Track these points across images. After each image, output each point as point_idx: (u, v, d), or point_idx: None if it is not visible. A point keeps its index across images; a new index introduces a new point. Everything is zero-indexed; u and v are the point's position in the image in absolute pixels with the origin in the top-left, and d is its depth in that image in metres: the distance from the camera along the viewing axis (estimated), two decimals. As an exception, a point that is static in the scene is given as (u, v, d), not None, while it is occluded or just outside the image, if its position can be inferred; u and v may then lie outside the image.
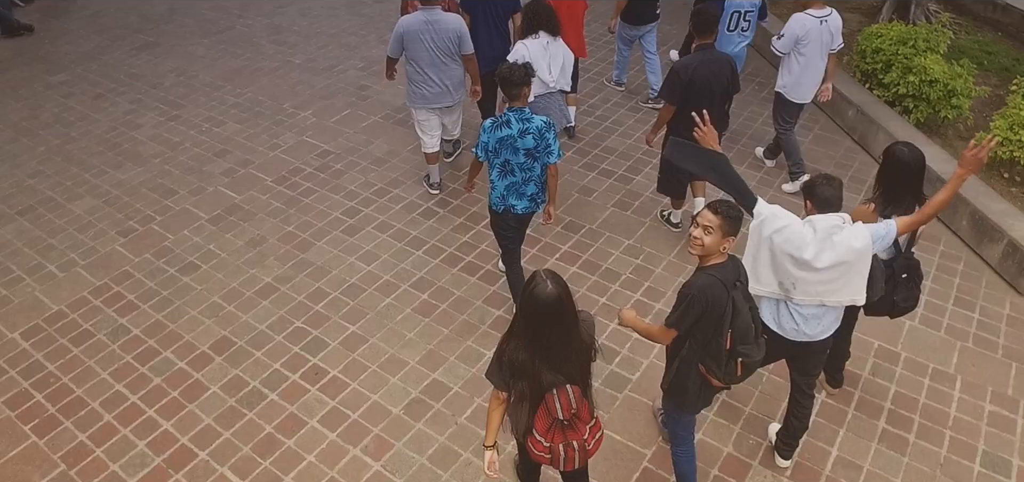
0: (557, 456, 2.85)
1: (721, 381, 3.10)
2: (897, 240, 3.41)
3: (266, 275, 5.07)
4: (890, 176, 3.52)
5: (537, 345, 2.71)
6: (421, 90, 5.37)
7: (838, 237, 3.17)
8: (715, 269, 2.97)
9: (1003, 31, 8.36)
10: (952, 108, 6.05)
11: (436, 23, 5.11)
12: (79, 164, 6.27)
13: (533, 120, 4.11)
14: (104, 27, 8.83)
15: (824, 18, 5.38)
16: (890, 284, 3.54)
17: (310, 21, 8.89)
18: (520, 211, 4.30)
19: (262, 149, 6.43)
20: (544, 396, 2.75)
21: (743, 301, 2.99)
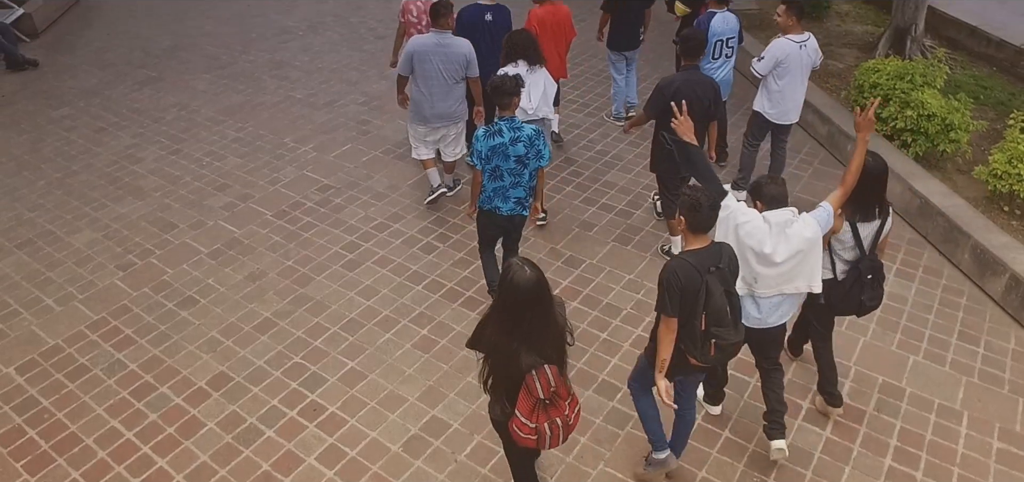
0: (543, 436, 2.98)
1: (698, 361, 3.30)
2: (862, 244, 3.76)
3: (265, 310, 5.04)
4: (859, 186, 3.73)
5: (519, 330, 2.86)
6: (422, 110, 5.61)
7: (791, 230, 3.48)
8: (691, 254, 3.21)
9: (998, 66, 8.44)
10: (950, 142, 6.07)
11: (446, 46, 5.41)
12: (79, 197, 6.27)
13: (523, 128, 4.38)
14: (108, 62, 8.91)
15: (803, 43, 5.56)
16: (857, 285, 3.82)
17: (312, 57, 8.98)
18: (505, 212, 4.56)
19: (262, 183, 6.44)
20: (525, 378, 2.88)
21: (718, 286, 3.16)
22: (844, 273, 3.83)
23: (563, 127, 7.26)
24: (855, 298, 3.85)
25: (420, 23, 6.13)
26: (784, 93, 5.64)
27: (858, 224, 3.76)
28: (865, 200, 3.74)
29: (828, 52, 8.56)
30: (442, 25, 5.42)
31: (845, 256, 3.82)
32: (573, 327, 3.11)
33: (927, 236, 5.74)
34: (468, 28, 5.81)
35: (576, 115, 7.56)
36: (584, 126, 7.35)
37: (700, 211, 3.17)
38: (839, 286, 3.86)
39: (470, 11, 5.94)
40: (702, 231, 3.24)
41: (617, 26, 6.78)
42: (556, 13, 6.12)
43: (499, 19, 5.99)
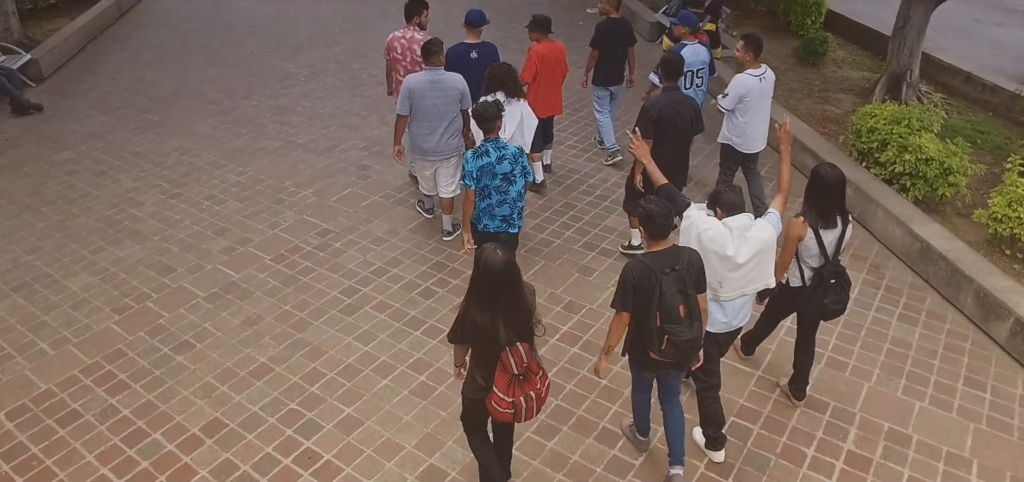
0: (519, 408, 3.33)
1: (656, 355, 3.59)
2: (826, 251, 4.05)
3: (261, 355, 4.98)
4: (817, 193, 4.07)
5: (495, 306, 3.21)
6: (421, 143, 5.83)
7: (750, 233, 3.78)
8: (648, 256, 3.56)
9: (993, 111, 8.52)
10: (949, 186, 6.09)
11: (439, 81, 5.66)
12: (78, 241, 6.25)
13: (507, 148, 4.74)
14: (111, 107, 8.99)
15: (761, 75, 5.90)
16: (820, 289, 4.09)
17: (313, 102, 9.06)
18: (492, 230, 4.83)
19: (262, 227, 6.43)
20: (499, 355, 3.23)
21: (671, 286, 3.45)
22: (810, 279, 4.13)
23: (561, 172, 7.30)
24: (819, 302, 4.13)
25: (404, 59, 6.36)
26: (749, 125, 5.96)
27: (821, 231, 4.02)
28: (826, 209, 4.02)
29: (825, 97, 8.66)
30: (433, 62, 5.65)
31: (811, 263, 4.11)
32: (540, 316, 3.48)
33: (929, 280, 5.71)
34: (454, 64, 6.07)
35: (575, 159, 7.60)
36: (583, 171, 7.37)
37: (655, 221, 3.51)
38: (805, 291, 4.17)
39: (456, 49, 6.22)
40: (659, 239, 3.55)
41: (602, 62, 7.07)
42: (553, 49, 6.49)
43: (484, 55, 6.24)
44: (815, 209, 4.04)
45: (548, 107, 6.65)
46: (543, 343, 5.07)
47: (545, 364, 4.84)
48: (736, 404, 4.60)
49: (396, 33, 6.46)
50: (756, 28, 11.10)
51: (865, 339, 5.16)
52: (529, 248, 6.11)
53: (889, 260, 6.03)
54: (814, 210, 4.04)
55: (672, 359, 3.61)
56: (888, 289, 5.69)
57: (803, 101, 8.53)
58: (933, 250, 5.63)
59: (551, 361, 4.92)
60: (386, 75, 6.77)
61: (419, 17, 6.40)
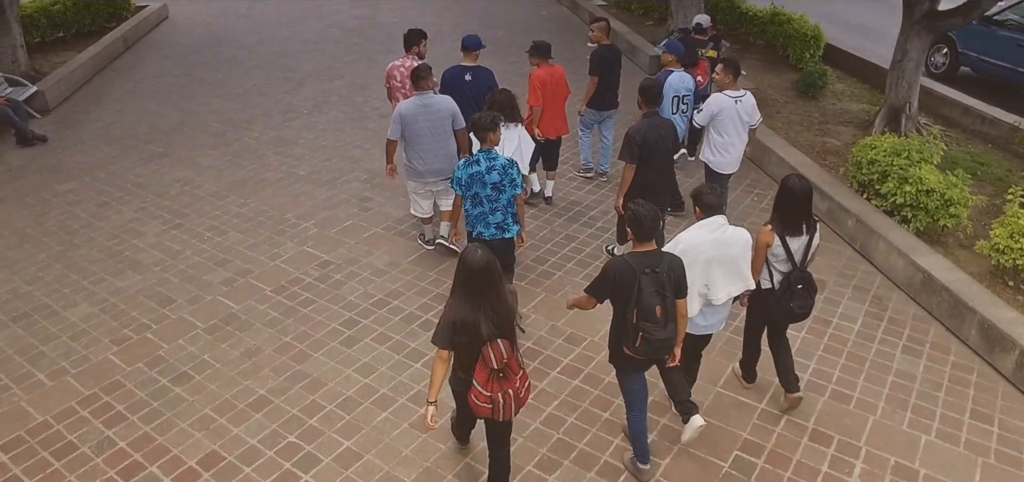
0: (497, 405, 3.43)
1: (629, 351, 3.77)
2: (793, 257, 4.24)
3: (260, 387, 4.93)
4: (784, 203, 4.25)
5: (477, 302, 3.36)
6: (415, 166, 5.97)
7: (725, 234, 4.06)
8: (632, 255, 3.75)
9: (993, 143, 8.55)
10: (951, 217, 6.08)
11: (429, 105, 5.80)
12: (79, 271, 6.25)
13: (498, 158, 4.91)
14: (115, 138, 9.06)
15: (738, 98, 6.08)
16: (787, 293, 4.29)
17: (315, 135, 9.11)
18: (487, 237, 4.99)
19: (263, 259, 6.43)
20: (482, 350, 3.35)
21: (650, 286, 3.64)
22: (779, 283, 4.31)
23: (562, 204, 7.31)
24: (786, 306, 4.33)
25: (404, 87, 6.56)
26: (726, 145, 6.17)
27: (788, 239, 4.23)
28: (792, 218, 4.22)
29: (825, 130, 8.70)
30: (423, 87, 5.79)
31: (780, 269, 4.31)
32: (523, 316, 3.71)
33: (932, 311, 5.67)
34: (449, 86, 6.33)
35: (577, 191, 7.62)
36: (585, 203, 7.38)
37: (642, 223, 3.74)
38: (773, 294, 4.36)
39: (452, 72, 6.48)
40: (646, 240, 3.77)
41: (600, 87, 7.26)
42: (553, 73, 6.76)
43: (478, 78, 6.46)
44: (782, 218, 4.24)
45: (554, 129, 6.90)
46: (544, 375, 5.03)
47: (545, 397, 4.81)
48: (740, 438, 4.55)
49: (395, 62, 6.73)
50: (756, 61, 11.24)
51: (869, 371, 5.12)
52: (530, 279, 6.09)
53: (892, 292, 6.00)
54: (781, 219, 4.25)
55: (645, 356, 3.80)
56: (891, 321, 5.65)
57: (803, 133, 8.57)
58: (936, 281, 5.60)
59: (552, 394, 4.88)
60: (390, 101, 6.98)
61: (418, 47, 6.69)
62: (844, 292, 5.98)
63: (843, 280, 6.15)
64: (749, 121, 6.18)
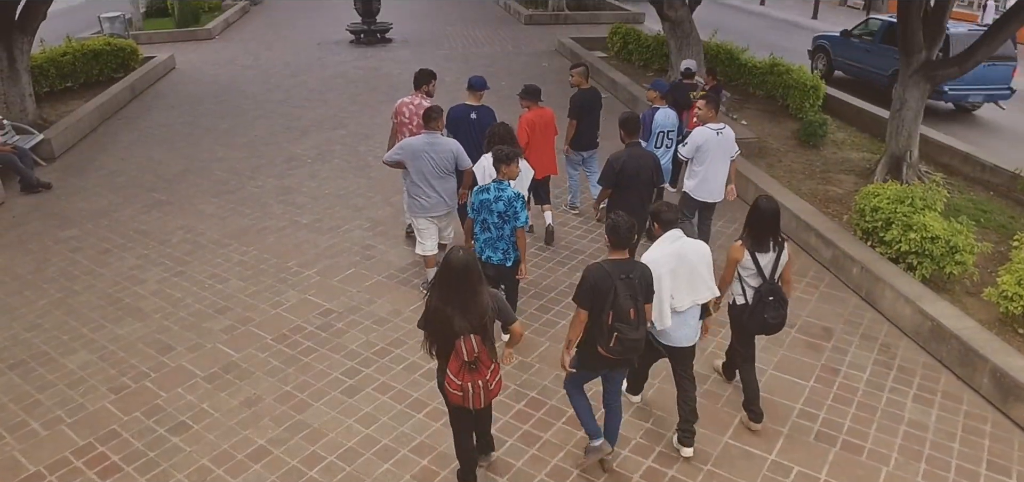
0: (467, 394, 3.76)
1: (604, 351, 4.01)
2: (763, 272, 4.53)
3: (260, 437, 4.83)
4: (753, 220, 4.56)
5: (452, 296, 3.68)
6: (420, 201, 6.18)
7: (683, 245, 4.37)
8: (608, 262, 4.06)
9: (994, 190, 8.57)
10: (956, 264, 6.04)
11: (436, 145, 6.06)
12: (78, 318, 6.19)
13: (506, 190, 5.19)
14: (119, 185, 9.09)
15: (719, 130, 6.40)
16: (759, 305, 4.56)
17: (318, 183, 9.14)
18: (495, 262, 5.32)
19: (264, 307, 6.37)
20: (454, 343, 3.66)
21: (624, 290, 3.95)
22: (750, 297, 4.59)
23: (566, 252, 7.32)
24: (759, 317, 4.58)
25: (411, 123, 6.82)
26: (706, 175, 6.45)
27: (757, 254, 4.53)
28: (760, 235, 4.54)
29: (827, 178, 8.73)
30: (433, 127, 6.08)
31: (751, 283, 4.59)
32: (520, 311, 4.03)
33: (942, 360, 5.59)
34: (455, 123, 6.68)
35: (573, 232, 7.62)
36: (589, 250, 7.36)
37: (619, 231, 4.08)
38: (746, 308, 4.63)
39: (457, 110, 6.81)
40: (621, 248, 4.10)
41: (579, 129, 7.62)
42: (542, 115, 7.09)
43: (482, 117, 6.77)
44: (752, 235, 4.56)
45: (542, 168, 7.11)
46: (549, 425, 4.93)
47: (551, 448, 4.71)
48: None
49: (405, 99, 7.02)
50: (756, 111, 11.36)
51: (880, 421, 5.02)
52: (535, 329, 6.03)
53: (900, 340, 5.93)
54: (751, 236, 4.56)
55: (618, 356, 4.06)
56: (901, 369, 5.57)
57: (805, 181, 8.60)
58: (944, 329, 5.54)
59: (557, 445, 4.77)
60: (390, 137, 7.16)
61: (427, 86, 7.03)
62: (851, 340, 5.91)
63: (850, 328, 6.08)
64: (730, 153, 6.48)
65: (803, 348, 5.80)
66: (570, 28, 20.29)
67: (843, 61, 14.65)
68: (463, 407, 3.89)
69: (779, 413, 5.05)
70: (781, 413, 5.06)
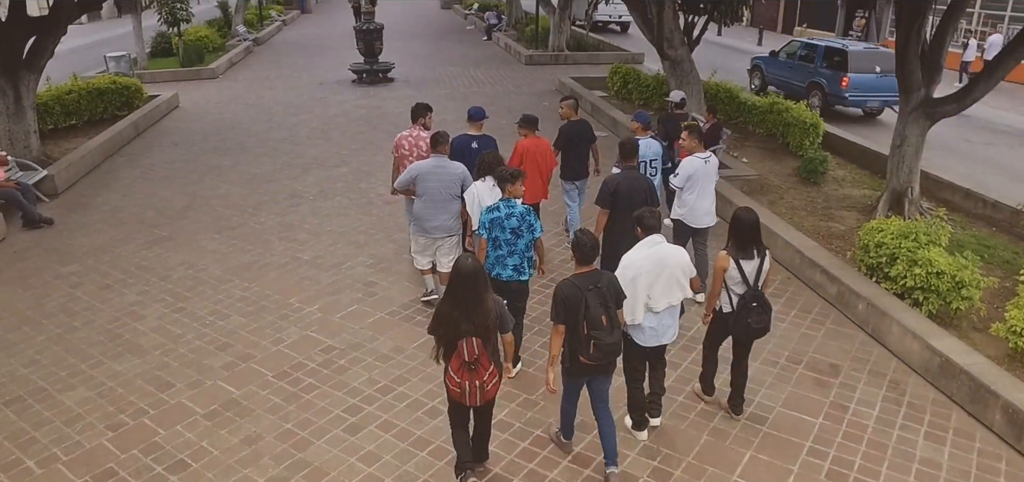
0: (465, 392, 4.06)
1: (585, 358, 4.27)
2: (747, 279, 4.83)
3: (260, 476, 4.73)
4: (736, 231, 4.90)
5: (459, 301, 4.00)
6: (423, 223, 6.42)
7: (662, 249, 4.67)
8: (576, 277, 4.34)
9: (997, 226, 8.57)
10: (963, 299, 6.01)
11: (443, 168, 6.35)
12: (77, 354, 6.11)
13: (516, 206, 5.37)
14: (121, 221, 9.07)
15: (706, 158, 6.65)
16: (744, 310, 4.86)
17: (321, 220, 9.14)
18: (504, 278, 5.41)
19: (265, 343, 6.31)
20: (457, 343, 3.97)
21: (595, 300, 4.22)
22: (736, 303, 4.88)
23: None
24: (744, 322, 4.89)
25: (411, 155, 7.06)
26: (695, 203, 6.68)
27: (741, 262, 4.83)
28: (743, 243, 4.85)
29: (829, 215, 8.75)
30: (440, 151, 6.38)
31: (736, 290, 4.89)
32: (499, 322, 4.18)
33: (952, 396, 5.52)
34: (457, 152, 6.85)
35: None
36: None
37: (583, 248, 4.35)
38: (732, 314, 4.92)
39: (460, 139, 7.05)
40: (587, 263, 4.35)
41: (567, 160, 7.81)
42: (538, 144, 7.23)
43: (483, 145, 6.97)
44: (735, 244, 4.88)
45: (533, 194, 7.18)
46: (554, 464, 4.83)
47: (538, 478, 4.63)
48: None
49: (404, 133, 7.27)
50: (756, 149, 11.43)
51: (892, 459, 4.93)
52: (537, 366, 5.95)
53: (908, 376, 5.87)
54: (735, 245, 4.88)
55: (598, 361, 4.31)
56: (911, 406, 5.50)
57: (808, 218, 8.61)
58: (954, 365, 5.48)
59: (543, 474, 4.69)
60: (392, 171, 7.31)
61: (424, 118, 7.31)
62: (859, 377, 5.85)
63: (858, 365, 6.02)
64: (714, 179, 6.74)
65: (811, 385, 5.73)
66: (570, 68, 20.54)
67: (773, 77, 17.31)
68: (461, 403, 4.17)
69: (788, 451, 4.96)
70: (791, 451, 4.97)
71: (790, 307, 6.96)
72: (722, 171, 10.00)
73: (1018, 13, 21.32)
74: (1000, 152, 13.43)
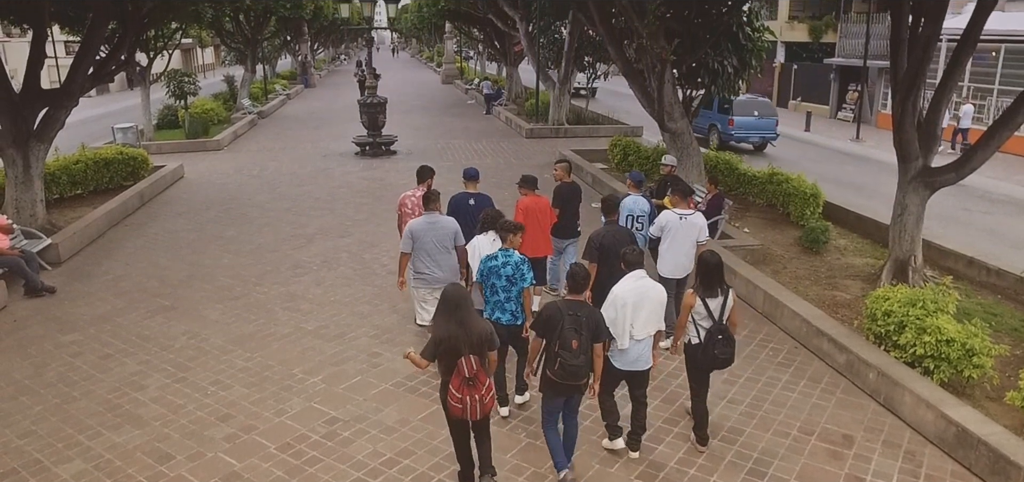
0: (466, 406, 4.47)
1: (551, 374, 4.83)
2: (712, 315, 5.34)
3: (260, 552, 4.56)
4: (703, 272, 5.44)
5: (452, 319, 4.48)
6: (424, 275, 6.84)
7: (644, 283, 5.27)
8: (563, 302, 4.91)
9: (1001, 294, 8.56)
10: (975, 367, 5.94)
11: (436, 223, 6.81)
12: (75, 425, 5.98)
13: (512, 255, 5.78)
14: (124, 291, 9.03)
15: (685, 216, 7.16)
16: (710, 343, 5.35)
17: (325, 290, 9.10)
18: (504, 322, 5.78)
19: (268, 415, 6.18)
20: (457, 361, 4.40)
21: (570, 325, 4.74)
22: (703, 337, 5.37)
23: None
24: (710, 354, 5.37)
25: (414, 213, 7.51)
26: (667, 254, 7.20)
27: (707, 300, 5.35)
28: (709, 283, 5.39)
29: (833, 284, 8.74)
30: (432, 208, 6.84)
31: (703, 325, 5.39)
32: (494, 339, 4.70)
33: (971, 468, 5.39)
34: (455, 209, 7.43)
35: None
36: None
37: (576, 279, 4.93)
38: (700, 346, 5.41)
39: (458, 197, 7.64)
40: (577, 292, 4.91)
41: (560, 218, 8.26)
42: (538, 202, 7.85)
43: (480, 203, 7.52)
44: (702, 283, 5.41)
45: (535, 249, 7.75)
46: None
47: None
48: None
49: (407, 193, 7.90)
50: (757, 219, 11.53)
51: (914, 534, 4.78)
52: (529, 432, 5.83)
53: (924, 447, 5.75)
54: (702, 284, 5.41)
55: (561, 380, 4.81)
56: (929, 478, 5.36)
57: (812, 287, 8.60)
58: (971, 435, 5.37)
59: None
60: (398, 227, 7.91)
61: (428, 181, 7.85)
62: (874, 448, 5.73)
63: (871, 435, 5.90)
64: (697, 237, 7.18)
65: (825, 457, 5.61)
66: (570, 141, 20.91)
67: None
68: (462, 418, 4.59)
69: None
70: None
71: (799, 377, 6.88)
72: (725, 241, 10.11)
73: (1006, 86, 21.87)
74: (999, 220, 13.55)
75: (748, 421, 6.10)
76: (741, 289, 8.75)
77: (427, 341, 4.59)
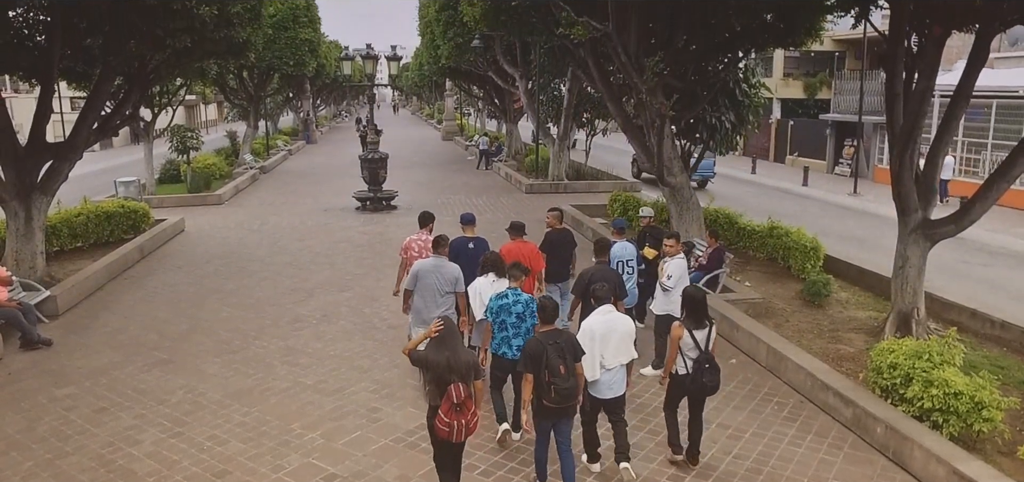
0: (453, 430, 4.77)
1: (547, 402, 5.22)
2: (699, 345, 5.75)
3: None
4: (690, 306, 5.84)
5: (443, 349, 4.85)
6: (422, 315, 6.98)
7: (611, 316, 5.70)
8: (540, 334, 5.33)
9: (1007, 346, 8.49)
10: (985, 421, 5.85)
11: (441, 267, 7.12)
12: (66, 481, 5.85)
13: (522, 296, 6.26)
14: (121, 344, 8.94)
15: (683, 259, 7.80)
16: (698, 372, 5.75)
17: (324, 344, 9.01)
18: (510, 357, 6.18)
19: (264, 471, 6.05)
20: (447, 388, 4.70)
21: (554, 352, 5.16)
22: (691, 366, 5.77)
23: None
24: (699, 383, 5.78)
25: (421, 255, 7.82)
26: (673, 295, 7.51)
27: (693, 331, 5.75)
28: (695, 316, 5.79)
29: (836, 337, 8.67)
30: (440, 252, 7.22)
31: (690, 355, 5.78)
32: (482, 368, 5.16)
33: (986, 526, 5.26)
34: (455, 252, 7.72)
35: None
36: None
37: (546, 311, 5.37)
38: (688, 376, 5.79)
39: (458, 241, 8.00)
40: (548, 323, 5.35)
41: (551, 263, 8.52)
42: (523, 247, 8.00)
43: (478, 246, 7.99)
44: (689, 316, 5.81)
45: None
46: None
47: None
48: None
49: (412, 236, 8.33)
50: (758, 273, 11.52)
51: None
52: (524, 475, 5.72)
53: (936, 504, 5.61)
54: (689, 317, 5.81)
55: (557, 404, 5.22)
56: (943, 537, 5.22)
57: (815, 341, 8.53)
58: None
59: None
60: (398, 272, 8.23)
61: (430, 226, 8.40)
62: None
63: (882, 492, 5.78)
64: None
65: (836, 513, 5.47)
66: (570, 196, 21.04)
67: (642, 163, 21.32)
68: (448, 441, 4.88)
69: None
70: None
71: (805, 431, 6.77)
72: (726, 295, 10.07)
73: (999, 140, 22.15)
74: (998, 273, 13.54)
75: (755, 476, 5.97)
76: (744, 343, 8.68)
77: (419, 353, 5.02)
